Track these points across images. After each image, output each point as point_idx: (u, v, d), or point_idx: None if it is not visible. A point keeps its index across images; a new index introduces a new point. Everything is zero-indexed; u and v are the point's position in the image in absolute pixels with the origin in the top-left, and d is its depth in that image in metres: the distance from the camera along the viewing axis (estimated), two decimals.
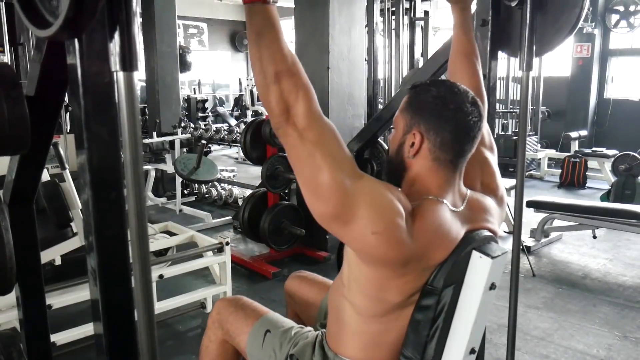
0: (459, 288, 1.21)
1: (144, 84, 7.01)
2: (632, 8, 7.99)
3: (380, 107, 4.16)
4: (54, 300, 2.35)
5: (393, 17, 4.38)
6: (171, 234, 3.48)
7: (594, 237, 4.14)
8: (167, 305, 2.77)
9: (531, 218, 4.37)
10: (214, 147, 7.49)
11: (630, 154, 5.72)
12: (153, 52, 6.53)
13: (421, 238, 1.12)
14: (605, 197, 5.50)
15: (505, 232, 4.34)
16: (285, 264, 3.78)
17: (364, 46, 3.98)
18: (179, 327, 2.90)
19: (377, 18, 4.11)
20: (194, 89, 11.29)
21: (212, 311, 1.62)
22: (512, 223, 1.90)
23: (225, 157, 8.94)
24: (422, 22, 4.67)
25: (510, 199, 2.11)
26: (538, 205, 4.27)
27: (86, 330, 2.40)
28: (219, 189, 5.66)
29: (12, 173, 1.22)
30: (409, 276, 1.17)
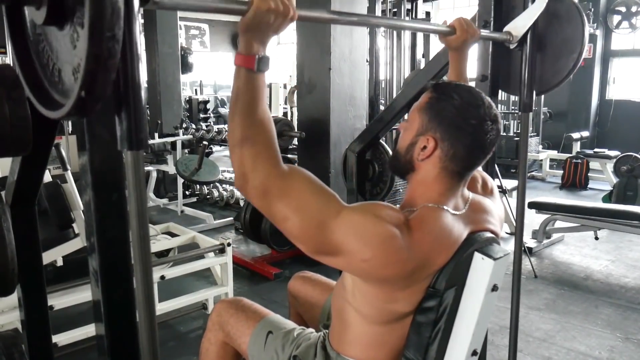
0: (461, 290, 1.21)
1: (146, 85, 7.02)
2: (633, 9, 7.98)
3: (381, 108, 4.15)
4: (56, 301, 2.35)
5: (394, 18, 4.37)
6: (173, 235, 3.48)
7: (596, 238, 4.13)
8: (168, 306, 2.77)
9: (533, 219, 4.36)
10: (215, 148, 7.50)
11: (632, 155, 5.71)
12: (155, 53, 6.54)
13: (421, 247, 1.12)
14: (607, 198, 5.49)
15: (507, 233, 4.33)
16: (286, 265, 3.78)
17: (366, 47, 3.98)
18: (181, 328, 2.90)
19: None
20: (196, 90, 11.32)
21: (211, 313, 1.61)
22: (514, 224, 1.90)
23: (227, 158, 8.94)
24: None
25: (512, 200, 2.11)
26: (540, 207, 4.27)
27: (88, 331, 2.39)
28: (221, 190, 5.66)
29: (14, 174, 1.23)
30: (416, 285, 1.17)
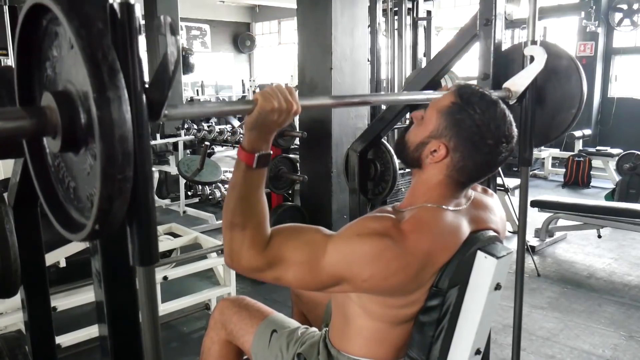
0: (464, 289, 1.20)
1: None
2: (635, 6, 7.96)
3: (383, 107, 4.15)
4: (59, 302, 2.35)
5: (396, 17, 4.36)
6: (175, 235, 3.48)
7: (599, 236, 4.12)
8: (171, 306, 2.77)
9: (535, 218, 4.35)
10: (217, 148, 7.50)
11: (635, 153, 5.70)
12: (156, 54, 6.55)
13: (419, 248, 1.11)
14: (610, 196, 5.48)
15: (509, 232, 4.33)
16: None
17: (367, 46, 3.98)
18: (184, 328, 2.90)
19: (380, 18, 4.09)
20: (197, 90, 11.31)
21: (214, 312, 1.61)
22: (517, 223, 1.90)
23: (229, 159, 8.94)
24: (424, 22, 4.65)
25: (514, 199, 2.10)
26: (542, 205, 4.26)
27: (91, 332, 2.40)
28: (223, 190, 5.66)
29: (17, 176, 1.23)
30: (424, 286, 1.17)
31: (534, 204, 4.21)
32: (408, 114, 1.47)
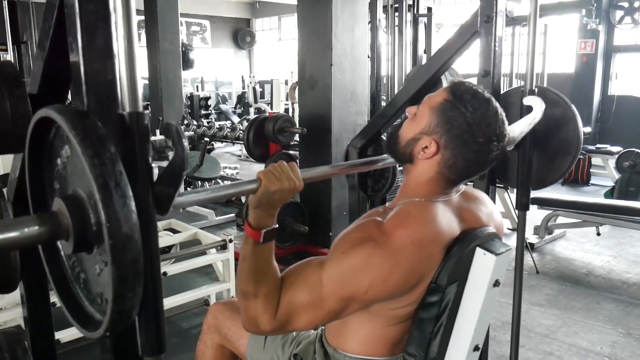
0: (462, 285, 1.21)
1: (147, 82, 7.02)
2: (636, 4, 7.94)
3: (383, 104, 4.15)
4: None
5: (396, 13, 4.36)
6: (174, 231, 3.48)
7: (598, 234, 4.13)
8: (170, 302, 2.77)
9: (535, 215, 4.35)
10: (216, 144, 7.49)
11: (635, 151, 5.69)
12: (156, 50, 6.53)
13: (407, 242, 1.10)
14: (609, 194, 5.48)
15: (508, 229, 4.33)
16: (288, 261, 3.77)
17: (367, 43, 3.97)
18: (183, 324, 2.90)
19: (380, 15, 4.09)
20: (197, 86, 11.30)
21: (207, 316, 1.60)
22: (516, 220, 1.90)
23: (228, 155, 8.94)
24: (425, 19, 4.65)
25: (514, 196, 2.11)
26: (542, 202, 4.26)
27: None
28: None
29: (16, 171, 1.22)
30: (425, 282, 1.16)
31: (534, 201, 4.21)
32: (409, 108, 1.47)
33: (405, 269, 1.11)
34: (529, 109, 1.63)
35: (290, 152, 3.87)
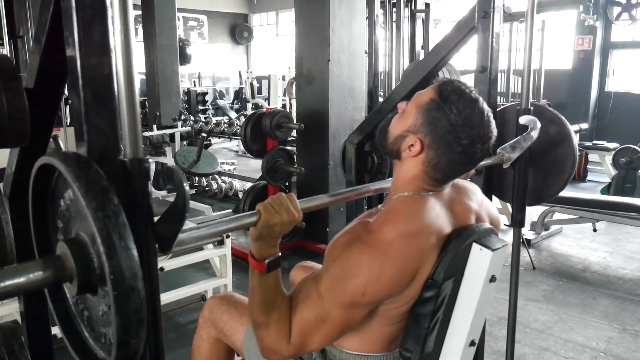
0: (459, 281, 1.21)
1: (144, 77, 6.99)
2: (634, 0, 7.94)
3: (380, 99, 4.14)
4: None
5: (394, 9, 4.34)
6: None
7: (594, 230, 4.15)
8: (168, 297, 2.77)
9: (531, 211, 4.36)
10: (214, 140, 7.48)
11: (631, 147, 5.70)
12: (153, 45, 6.51)
13: (394, 237, 1.11)
14: (606, 190, 5.50)
15: (505, 224, 4.34)
16: (285, 257, 3.75)
17: (365, 39, 3.96)
18: (180, 319, 2.91)
19: (378, 10, 4.08)
20: (194, 81, 11.26)
21: (203, 310, 1.60)
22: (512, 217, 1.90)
23: (226, 150, 8.93)
24: (423, 15, 4.64)
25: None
26: None
27: None
28: (220, 182, 5.66)
29: (12, 166, 1.22)
30: (421, 279, 1.17)
31: None
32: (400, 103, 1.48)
33: (397, 264, 1.11)
34: (525, 127, 1.64)
35: (288, 147, 3.87)
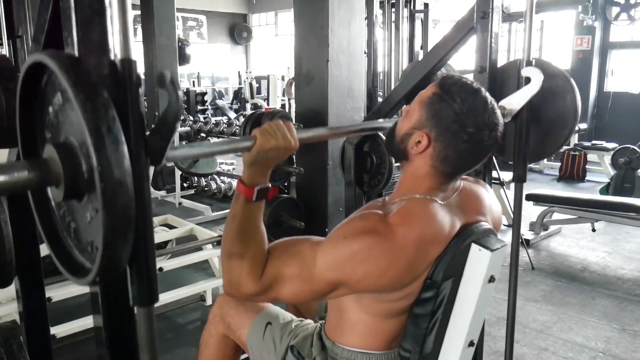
0: (458, 281, 1.21)
1: (143, 77, 6.99)
2: (632, 0, 7.95)
3: (379, 100, 4.15)
4: (54, 293, 2.36)
5: (393, 9, 4.34)
6: (170, 226, 3.48)
7: (593, 230, 4.15)
8: (166, 298, 2.77)
9: (530, 211, 4.37)
10: (213, 140, 7.48)
11: (630, 147, 5.71)
12: (152, 45, 6.50)
13: (409, 240, 1.11)
14: (605, 190, 5.50)
15: (504, 225, 4.34)
16: None
17: (364, 39, 3.96)
18: (179, 319, 2.90)
19: (377, 10, 4.09)
20: (193, 81, 11.25)
21: (213, 306, 1.62)
22: (512, 216, 1.90)
23: None
24: (422, 15, 4.64)
25: (510, 192, 2.11)
26: (537, 199, 4.27)
27: (86, 322, 2.40)
28: (219, 182, 5.66)
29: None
30: (419, 280, 1.17)
31: (529, 197, 4.23)
32: (404, 107, 1.47)
33: (402, 267, 1.12)
34: (527, 80, 1.60)
35: None
